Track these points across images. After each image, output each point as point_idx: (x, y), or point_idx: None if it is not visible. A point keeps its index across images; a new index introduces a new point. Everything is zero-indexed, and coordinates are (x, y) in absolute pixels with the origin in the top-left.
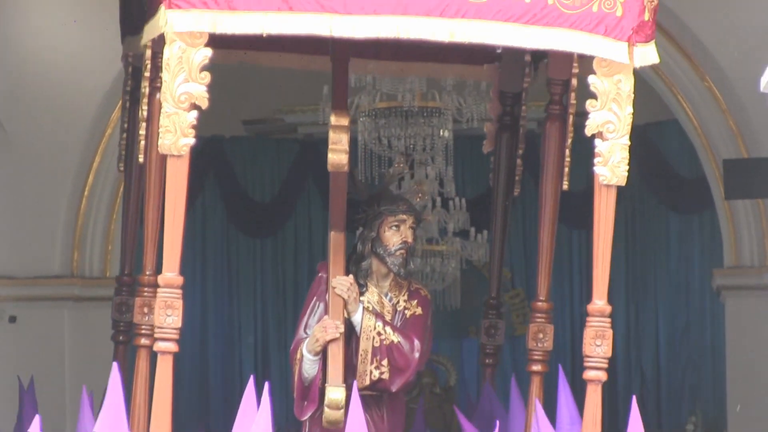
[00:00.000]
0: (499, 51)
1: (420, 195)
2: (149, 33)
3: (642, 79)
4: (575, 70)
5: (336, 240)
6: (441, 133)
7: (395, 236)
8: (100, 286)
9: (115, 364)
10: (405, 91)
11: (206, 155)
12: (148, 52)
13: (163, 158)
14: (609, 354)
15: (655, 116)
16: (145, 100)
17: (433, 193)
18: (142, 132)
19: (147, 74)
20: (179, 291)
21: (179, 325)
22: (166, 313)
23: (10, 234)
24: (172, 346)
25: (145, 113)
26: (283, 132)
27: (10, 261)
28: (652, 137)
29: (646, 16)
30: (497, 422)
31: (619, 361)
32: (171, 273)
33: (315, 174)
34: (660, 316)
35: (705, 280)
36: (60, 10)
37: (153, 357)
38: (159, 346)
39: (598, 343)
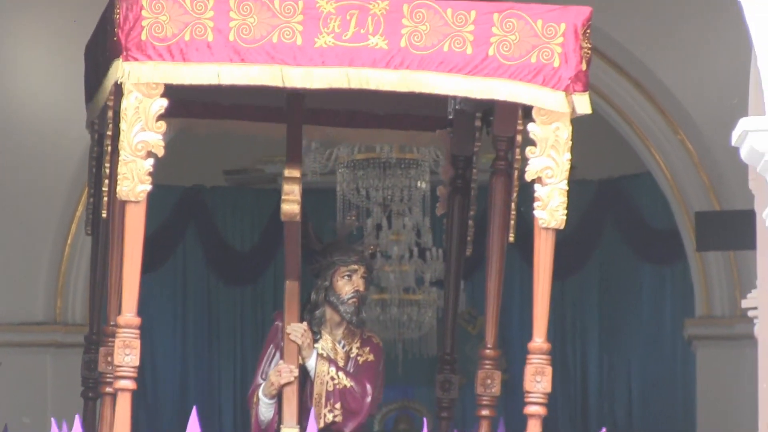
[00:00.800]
0: (450, 117)
1: (372, 247)
2: (107, 86)
3: (616, 132)
4: (519, 127)
5: (290, 288)
6: (418, 185)
7: (347, 285)
8: (82, 332)
9: (77, 417)
10: (383, 143)
11: (187, 204)
12: (110, 113)
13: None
14: (548, 389)
15: (629, 169)
16: (108, 157)
17: (411, 243)
18: (105, 189)
19: (109, 133)
20: (137, 331)
21: (137, 363)
22: (124, 353)
23: None
24: (130, 384)
25: (107, 170)
26: (263, 182)
27: None
28: (626, 190)
29: (584, 66)
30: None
31: (592, 410)
32: (129, 314)
33: None
34: (633, 366)
35: (677, 330)
36: (43, 60)
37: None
38: (118, 384)
39: (538, 380)
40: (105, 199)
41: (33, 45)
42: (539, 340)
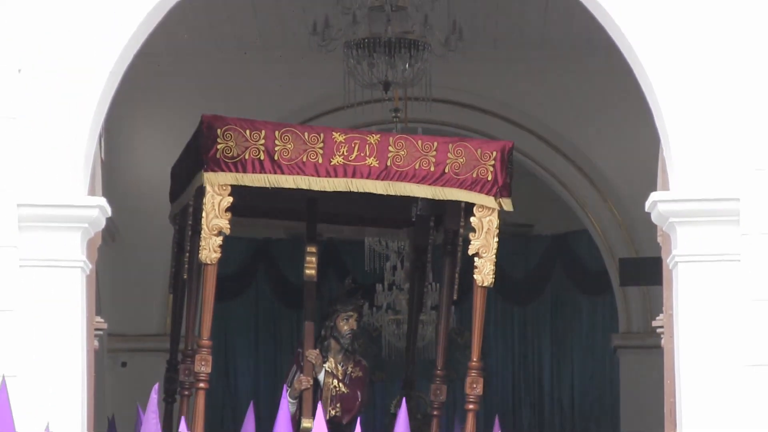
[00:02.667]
0: (413, 219)
1: (362, 300)
2: (191, 190)
3: (562, 200)
4: (462, 223)
5: (308, 327)
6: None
7: (346, 326)
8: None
9: (155, 389)
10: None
11: (260, 251)
12: (190, 209)
13: (200, 269)
14: (480, 393)
15: (572, 227)
16: (189, 237)
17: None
18: (185, 259)
19: (190, 222)
20: (209, 350)
21: (209, 370)
22: (201, 364)
23: (122, 304)
24: (204, 385)
25: (188, 246)
26: None
27: (122, 323)
28: (570, 242)
29: (507, 179)
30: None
31: (546, 400)
32: (205, 338)
33: (335, 267)
34: (575, 368)
35: (606, 342)
36: (153, 143)
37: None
38: (198, 385)
39: (474, 386)
40: (186, 266)
41: (145, 131)
42: (475, 359)
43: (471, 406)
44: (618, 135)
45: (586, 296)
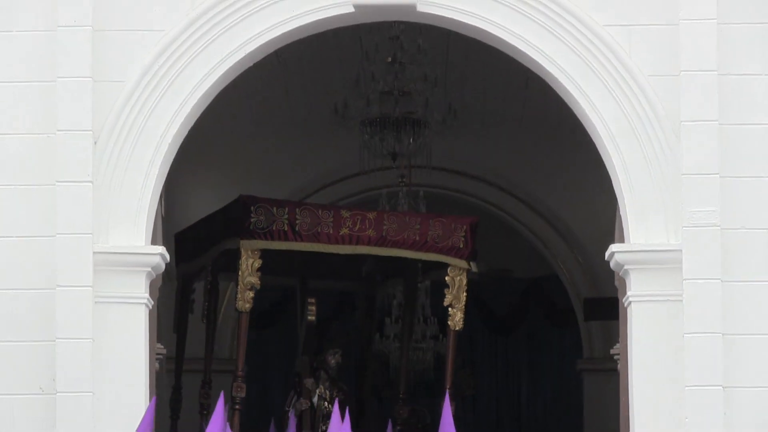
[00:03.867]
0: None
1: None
2: (217, 250)
3: (536, 248)
4: (420, 279)
5: (306, 361)
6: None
7: (333, 360)
8: (230, 364)
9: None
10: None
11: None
12: (209, 267)
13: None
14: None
15: (545, 272)
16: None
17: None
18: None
19: (209, 278)
20: (243, 379)
21: (243, 395)
22: (237, 391)
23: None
24: (239, 407)
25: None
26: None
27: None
28: (543, 284)
29: (474, 246)
30: None
31: (523, 416)
32: (240, 370)
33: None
34: (547, 389)
35: (573, 366)
36: (205, 198)
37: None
38: (234, 407)
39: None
40: (204, 313)
41: (197, 190)
42: (447, 386)
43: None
44: (583, 196)
45: (556, 329)
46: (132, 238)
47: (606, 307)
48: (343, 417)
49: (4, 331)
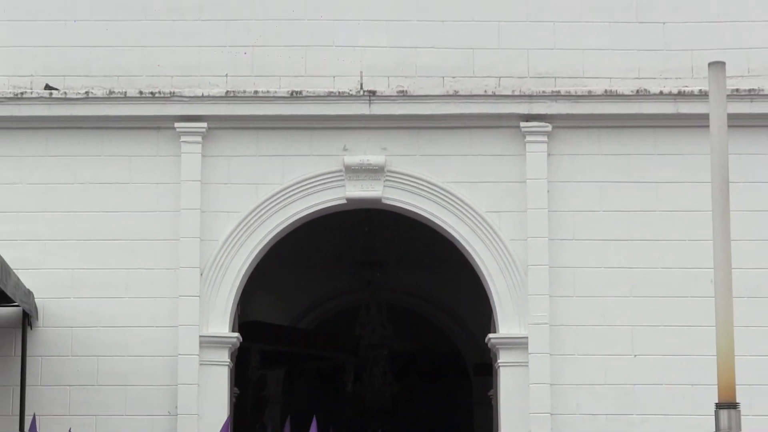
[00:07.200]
0: None
1: None
2: None
3: (447, 335)
4: None
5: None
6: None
7: None
8: None
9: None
10: None
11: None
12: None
13: None
14: None
15: (449, 348)
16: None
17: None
18: None
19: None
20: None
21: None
22: None
23: None
24: None
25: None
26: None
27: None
28: (447, 355)
29: None
30: None
31: None
32: None
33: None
34: (444, 416)
35: (467, 401)
36: (265, 303)
37: None
38: None
39: None
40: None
41: (260, 298)
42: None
43: None
44: (475, 304)
45: (456, 379)
46: (221, 328)
47: (487, 368)
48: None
49: (149, 379)
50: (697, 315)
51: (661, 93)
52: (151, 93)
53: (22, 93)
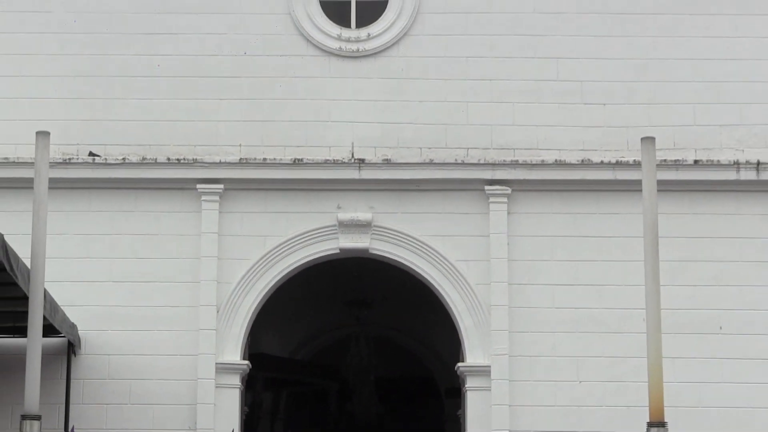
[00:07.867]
0: None
1: None
2: None
3: (423, 362)
4: None
5: None
6: None
7: None
8: None
9: None
10: None
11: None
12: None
13: None
14: None
15: (425, 373)
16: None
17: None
18: None
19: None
20: None
21: None
22: None
23: None
24: None
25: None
26: None
27: None
28: (424, 381)
29: None
30: None
31: None
32: None
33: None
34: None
35: (440, 418)
36: (271, 334)
37: None
38: None
39: None
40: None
41: (266, 332)
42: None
43: None
44: (446, 336)
45: (430, 400)
46: (234, 356)
47: (456, 391)
48: None
49: (173, 399)
50: (631, 348)
51: (602, 162)
52: (177, 159)
53: (69, 159)
